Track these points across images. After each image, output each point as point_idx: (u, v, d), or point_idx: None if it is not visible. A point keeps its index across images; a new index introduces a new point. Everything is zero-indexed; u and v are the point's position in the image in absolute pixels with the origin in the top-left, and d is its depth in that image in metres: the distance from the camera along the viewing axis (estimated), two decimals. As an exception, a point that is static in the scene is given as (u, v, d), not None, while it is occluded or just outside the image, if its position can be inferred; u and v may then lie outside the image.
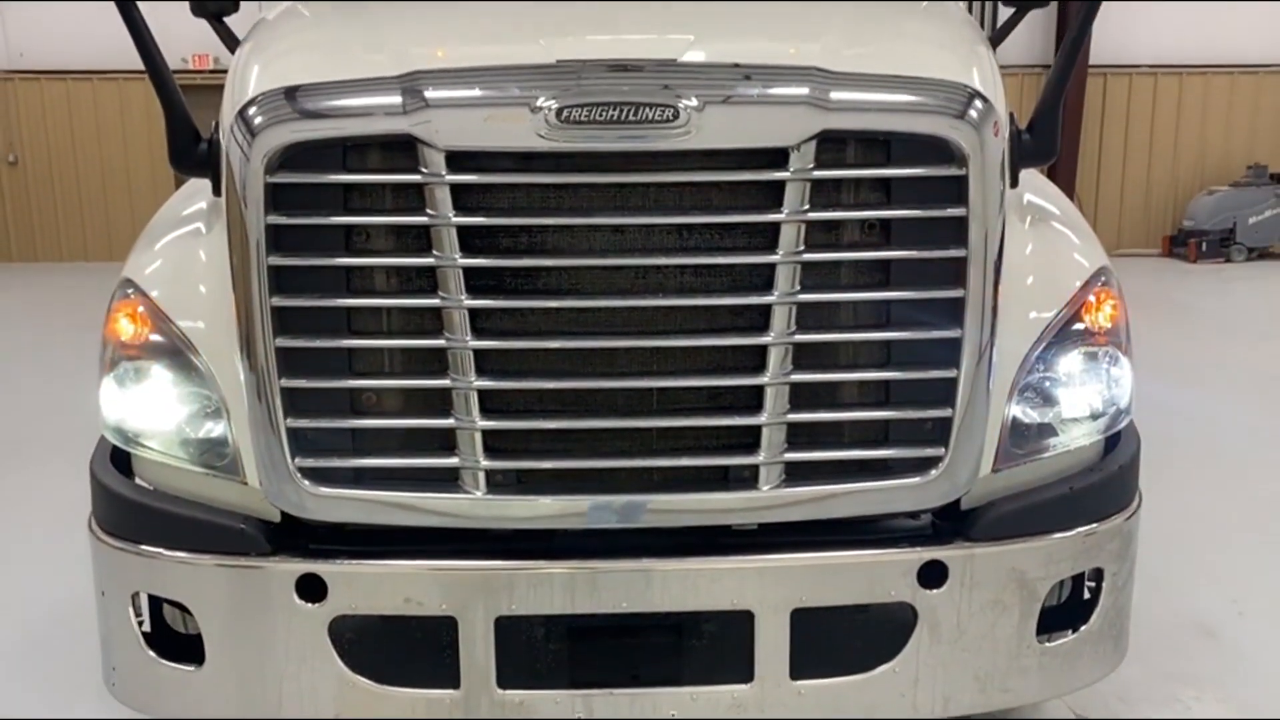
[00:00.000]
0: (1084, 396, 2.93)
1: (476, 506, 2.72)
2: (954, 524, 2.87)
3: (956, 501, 2.85)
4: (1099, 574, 2.99)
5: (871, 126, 2.62)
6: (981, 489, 2.86)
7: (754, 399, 2.71)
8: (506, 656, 2.77)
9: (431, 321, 2.68)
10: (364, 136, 2.60)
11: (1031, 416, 2.89)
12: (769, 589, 2.75)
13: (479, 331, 2.66)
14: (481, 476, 2.70)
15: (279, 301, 2.64)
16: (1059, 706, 3.72)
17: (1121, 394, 2.97)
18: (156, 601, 3.03)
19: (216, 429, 2.83)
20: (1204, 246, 14.99)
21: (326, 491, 2.73)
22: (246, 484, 2.81)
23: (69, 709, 3.84)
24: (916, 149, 2.63)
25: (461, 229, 2.60)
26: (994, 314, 2.72)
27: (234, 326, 2.71)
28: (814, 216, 2.63)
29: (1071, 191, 15.31)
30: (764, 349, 2.67)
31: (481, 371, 2.67)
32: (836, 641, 2.87)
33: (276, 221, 2.61)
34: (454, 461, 2.71)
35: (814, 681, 2.81)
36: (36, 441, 6.94)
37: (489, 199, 2.63)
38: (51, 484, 5.82)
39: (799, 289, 2.66)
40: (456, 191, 2.59)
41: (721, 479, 2.76)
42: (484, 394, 2.68)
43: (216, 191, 2.86)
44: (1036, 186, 3.37)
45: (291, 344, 2.67)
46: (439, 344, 2.66)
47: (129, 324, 2.89)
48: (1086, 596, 3.07)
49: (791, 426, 2.72)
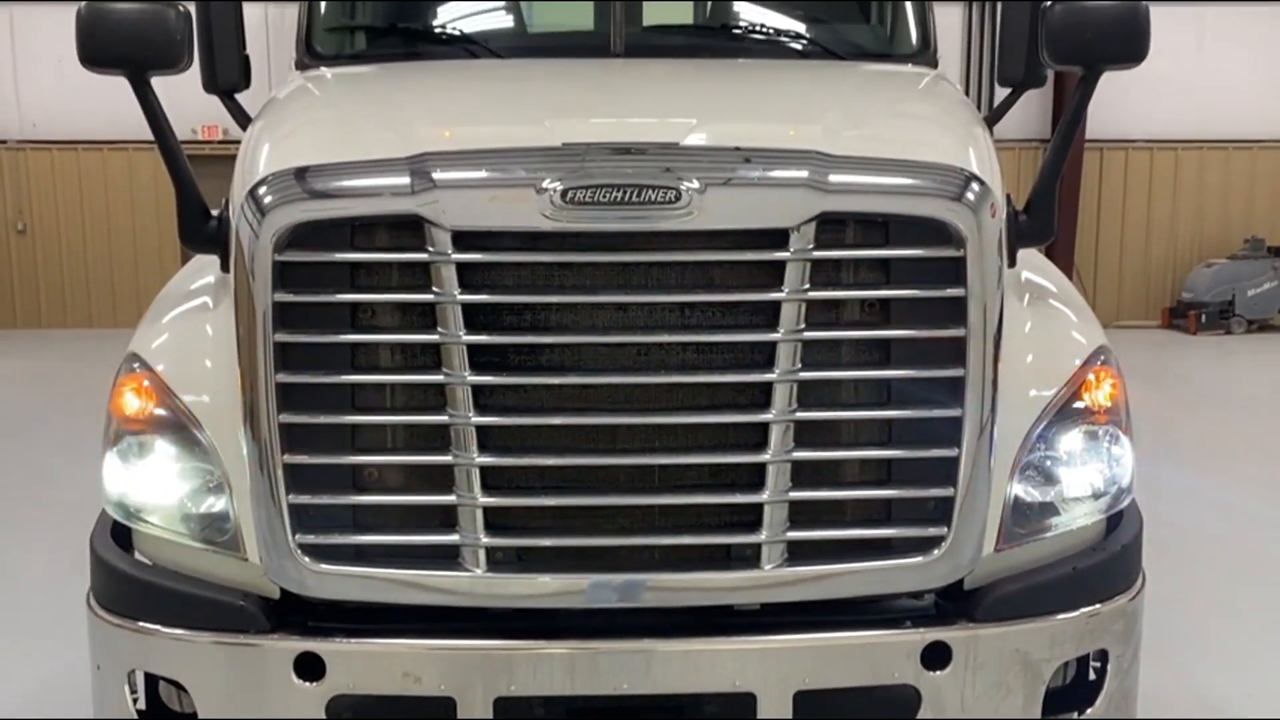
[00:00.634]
0: (1085, 475, 2.93)
1: (476, 584, 2.71)
2: (957, 604, 2.84)
3: (960, 581, 2.83)
4: (1104, 655, 2.96)
5: (870, 209, 2.66)
6: (984, 568, 2.84)
7: (756, 477, 2.71)
8: None
9: (434, 397, 2.69)
10: (372, 216, 2.64)
11: (1033, 495, 2.89)
12: (771, 670, 2.73)
13: (482, 408, 2.67)
14: (482, 554, 2.70)
15: (284, 378, 2.66)
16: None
17: (1122, 473, 2.97)
18: (152, 678, 3.00)
19: (218, 504, 2.83)
20: (1204, 318, 15.08)
21: (327, 568, 2.72)
22: (247, 560, 2.80)
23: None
24: (915, 230, 2.67)
25: (466, 306, 2.63)
26: (994, 392, 2.74)
27: (238, 401, 2.72)
28: (814, 296, 2.66)
29: (1070, 264, 15.44)
30: (766, 426, 2.68)
31: (484, 448, 2.68)
32: (840, 723, 2.84)
33: (283, 299, 2.64)
34: (454, 538, 2.70)
35: (817, 764, 2.76)
36: (33, 512, 6.91)
37: (494, 277, 2.67)
38: (46, 556, 5.80)
39: (800, 367, 2.67)
40: (462, 270, 2.62)
41: (723, 558, 2.75)
42: (485, 470, 2.68)
43: (225, 268, 2.89)
44: (1034, 264, 3.41)
45: (295, 419, 2.68)
46: (441, 420, 2.67)
47: (133, 398, 2.90)
48: (1092, 677, 3.04)
49: (794, 505, 2.71)
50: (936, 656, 2.76)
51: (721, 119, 3.01)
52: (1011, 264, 2.96)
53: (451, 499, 2.69)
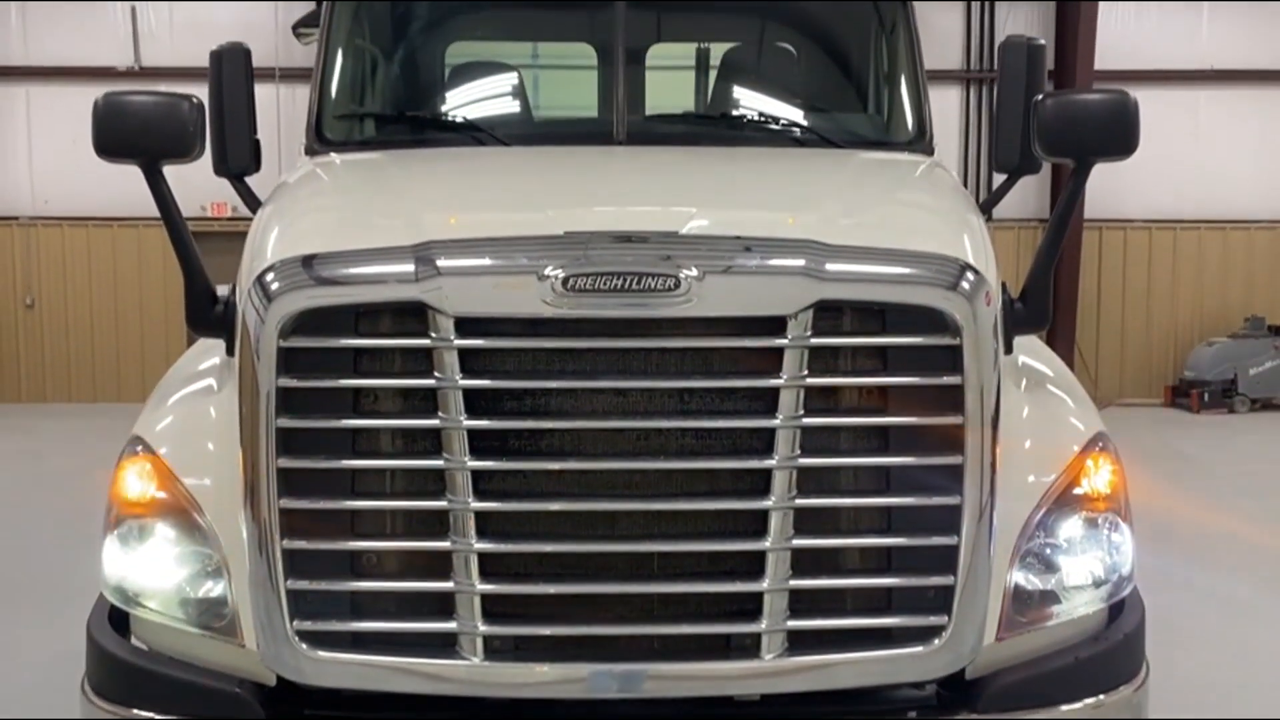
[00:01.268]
0: (1086, 563, 2.92)
1: (474, 673, 2.69)
2: (959, 694, 2.82)
3: (961, 671, 2.80)
4: (1110, 748, 2.92)
5: (866, 297, 2.70)
6: (986, 658, 2.82)
7: (755, 565, 2.70)
8: None
9: (434, 483, 2.70)
10: (377, 303, 2.68)
11: (1034, 583, 2.88)
12: (771, 762, 2.69)
13: (481, 493, 2.68)
14: (479, 642, 2.68)
15: (285, 463, 2.68)
16: None
17: (1123, 561, 2.96)
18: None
19: (216, 589, 2.82)
20: (1206, 397, 15.07)
21: (324, 655, 2.70)
22: (244, 646, 2.78)
23: None
24: (911, 318, 2.70)
25: (467, 392, 2.65)
26: (993, 479, 2.74)
27: (240, 485, 2.73)
28: (812, 382, 2.68)
29: (1072, 341, 15.49)
30: (765, 514, 2.68)
31: (482, 534, 2.68)
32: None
33: (287, 384, 2.67)
34: (452, 626, 2.69)
35: None
36: (29, 594, 6.84)
37: (495, 362, 2.69)
38: (40, 641, 5.74)
39: (799, 453, 2.68)
40: (464, 355, 2.65)
41: (723, 647, 2.73)
42: (483, 556, 2.68)
43: (230, 351, 2.93)
44: (1030, 349, 3.43)
45: (295, 505, 2.69)
46: (440, 505, 2.68)
47: (135, 482, 2.91)
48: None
49: (794, 593, 2.70)
50: (939, 748, 2.73)
51: (720, 207, 3.06)
52: (1008, 351, 2.99)
53: (449, 585, 2.69)
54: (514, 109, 4.52)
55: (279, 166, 4.75)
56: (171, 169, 2.96)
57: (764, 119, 4.22)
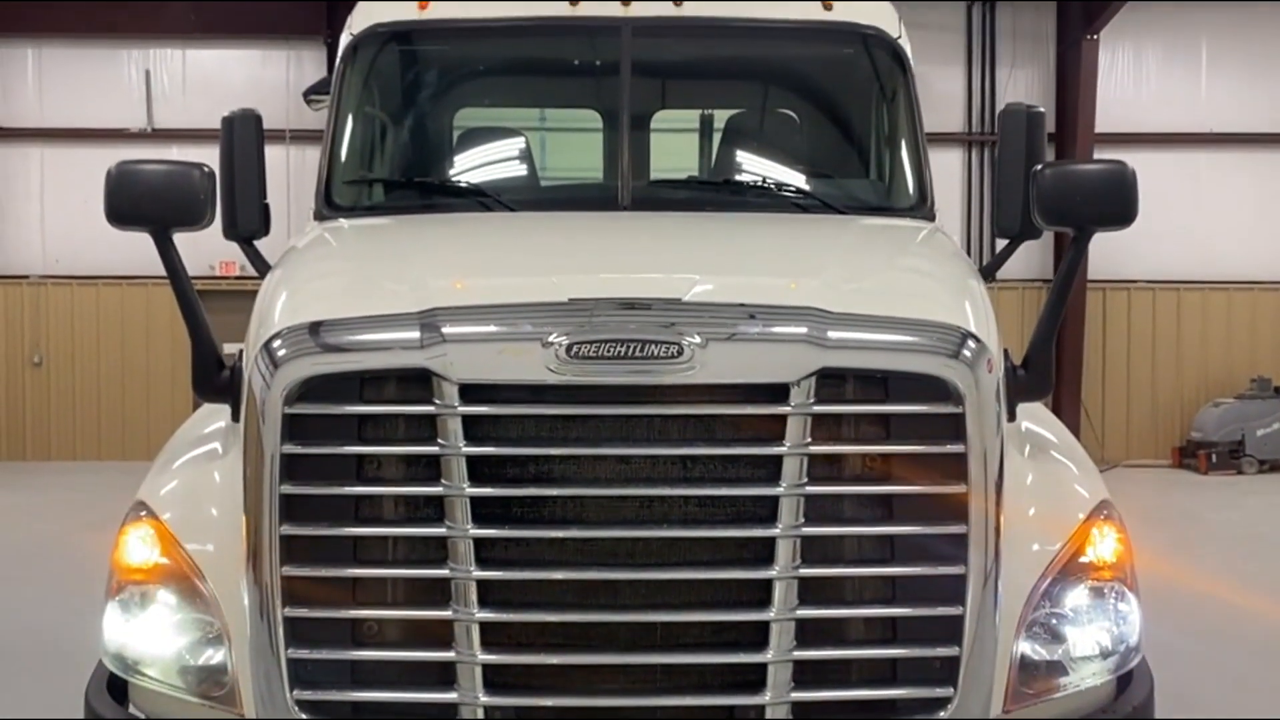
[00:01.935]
0: (1093, 634, 2.89)
1: (474, 744, 2.66)
2: (966, 768, 2.77)
3: (968, 744, 2.77)
4: (1120, 824, 2.87)
5: (868, 365, 2.71)
6: (993, 731, 2.78)
7: (759, 635, 2.68)
8: None
9: (436, 551, 2.69)
10: (382, 370, 2.69)
11: (1040, 654, 2.84)
12: (776, 839, 2.64)
13: (483, 561, 2.67)
14: (480, 713, 2.65)
15: (288, 530, 2.67)
16: None
17: (1131, 631, 2.92)
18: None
19: (216, 656, 2.80)
20: (1214, 458, 14.99)
21: (322, 726, 2.68)
22: (243, 716, 2.75)
23: None
24: (913, 386, 2.71)
25: (470, 459, 2.66)
26: (997, 547, 2.73)
27: (243, 550, 2.73)
28: (815, 450, 2.68)
29: (1078, 403, 15.46)
30: (769, 583, 2.67)
31: (484, 603, 2.66)
32: None
33: (291, 450, 2.67)
34: (453, 696, 2.66)
35: None
36: (28, 656, 6.78)
37: (499, 429, 2.70)
38: (38, 707, 5.68)
39: (803, 521, 2.67)
40: (467, 422, 2.66)
41: (727, 719, 2.70)
42: (485, 626, 2.66)
43: (236, 417, 2.94)
44: (1034, 414, 3.43)
45: (297, 572, 2.68)
46: (443, 574, 2.67)
47: (138, 547, 2.91)
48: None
49: (798, 664, 2.68)
50: (946, 824, 2.68)
51: (723, 273, 3.08)
52: (1011, 418, 2.99)
53: (450, 655, 2.67)
54: (520, 174, 4.58)
55: (288, 228, 4.80)
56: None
57: (767, 185, 4.27)
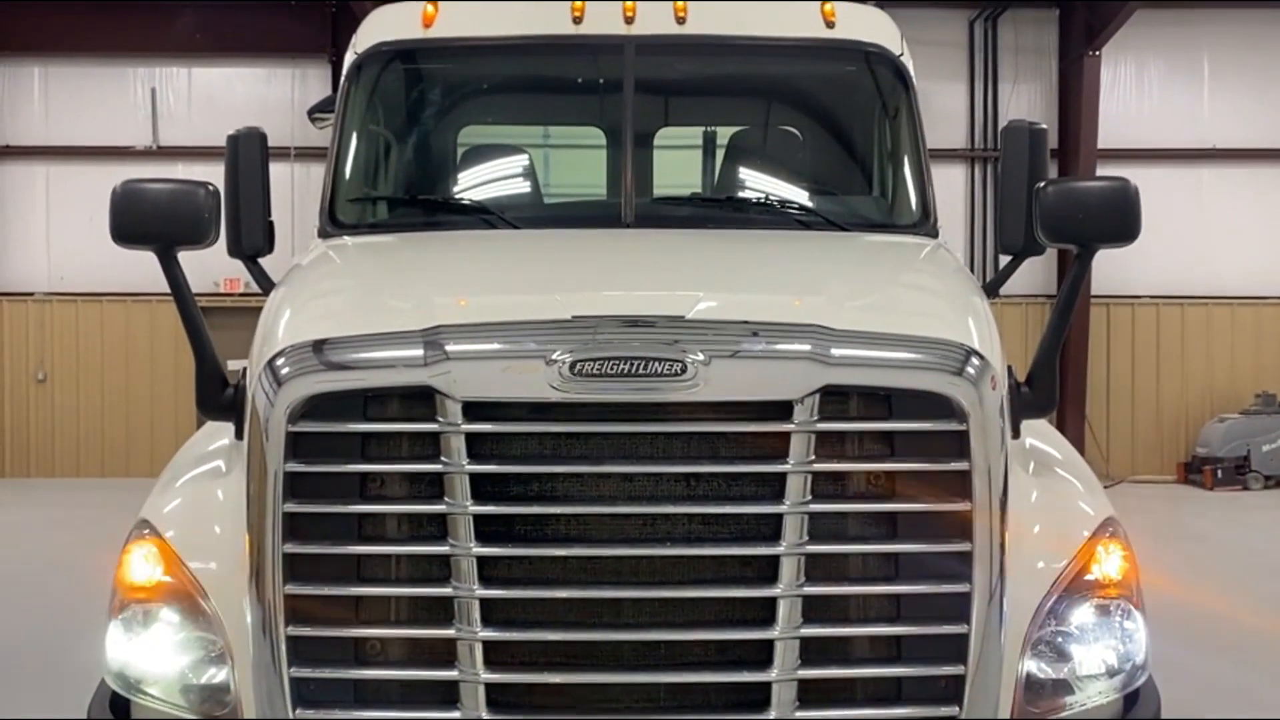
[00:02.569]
0: (1099, 652, 2.87)
1: (478, 764, 2.64)
2: (973, 788, 2.75)
3: (974, 764, 2.75)
4: (1128, 844, 2.84)
5: (871, 382, 2.70)
6: (999, 750, 2.77)
7: (764, 653, 2.67)
8: None
9: (439, 569, 2.68)
10: (385, 388, 2.69)
11: (1046, 672, 2.83)
12: None
13: (486, 579, 2.66)
14: (484, 732, 2.64)
15: (291, 548, 2.67)
16: None
17: (1137, 649, 2.91)
18: None
19: (219, 675, 2.80)
20: (1219, 474, 14.95)
21: (325, 745, 2.67)
22: (245, 735, 2.75)
23: None
24: (917, 404, 2.70)
25: (474, 476, 2.65)
26: (1002, 565, 2.72)
27: (245, 568, 2.72)
28: (819, 468, 2.67)
29: (1082, 418, 15.42)
30: (773, 601, 2.66)
31: (487, 621, 2.65)
32: None
33: (294, 468, 2.67)
34: (456, 716, 2.65)
35: None
36: (31, 673, 6.76)
37: (502, 447, 2.70)
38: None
39: (807, 539, 2.67)
40: (470, 440, 2.65)
41: None
42: (488, 645, 2.65)
43: (239, 435, 2.94)
44: (1038, 431, 3.42)
45: (300, 590, 2.67)
46: (446, 592, 2.66)
47: (141, 566, 2.90)
48: None
49: (802, 683, 2.66)
50: (952, 844, 2.66)
51: (726, 291, 3.08)
52: (1015, 435, 2.98)
53: (454, 674, 2.66)
54: (524, 191, 4.58)
55: (293, 246, 4.81)
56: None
57: (770, 202, 4.28)
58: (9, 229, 16.18)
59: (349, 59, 4.29)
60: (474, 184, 4.55)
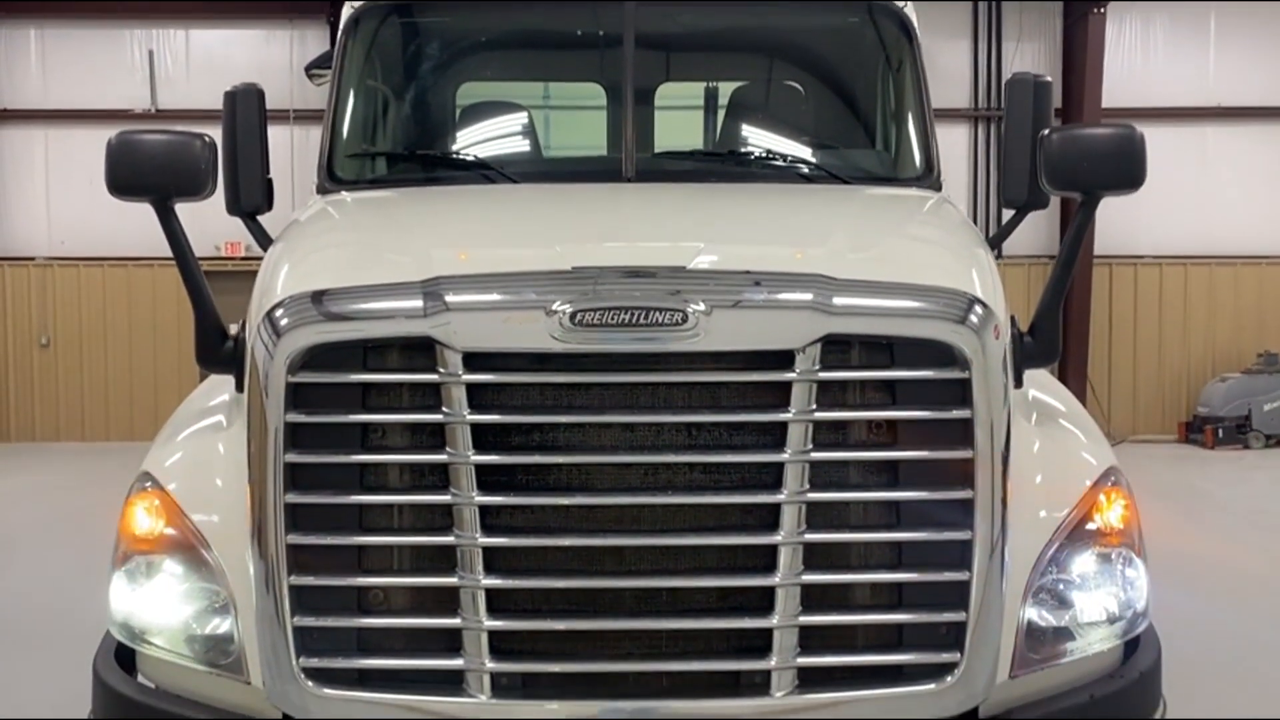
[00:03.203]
0: (1099, 599, 2.88)
1: (482, 710, 2.66)
2: (973, 733, 2.77)
3: (974, 709, 2.76)
4: (1127, 788, 2.87)
5: (874, 331, 2.69)
6: (999, 696, 2.78)
7: (765, 601, 2.68)
8: None
9: (442, 518, 2.69)
10: (385, 338, 2.69)
11: (1047, 620, 2.84)
12: (781, 802, 2.65)
13: (488, 529, 2.67)
14: (487, 679, 2.66)
15: (293, 498, 2.67)
16: None
17: (1138, 596, 2.92)
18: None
19: (223, 625, 2.81)
20: (1220, 433, 14.98)
21: (330, 693, 2.69)
22: (250, 684, 2.76)
23: None
24: (919, 352, 2.70)
25: (475, 427, 2.65)
26: (1004, 514, 2.72)
27: (248, 520, 2.73)
28: (820, 416, 2.67)
29: (1084, 378, 15.42)
30: (775, 549, 2.67)
31: (490, 569, 2.66)
32: None
33: (295, 419, 2.67)
34: (459, 663, 2.67)
35: None
36: (37, 632, 6.82)
37: (503, 398, 2.69)
38: (48, 678, 5.71)
39: (808, 487, 2.67)
40: (471, 391, 2.65)
41: (733, 684, 2.70)
42: (491, 593, 2.66)
43: (240, 388, 2.94)
44: (1041, 383, 3.42)
45: (302, 540, 2.68)
46: (448, 541, 2.67)
47: (144, 518, 2.91)
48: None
49: (804, 630, 2.68)
50: (953, 788, 2.68)
51: (728, 242, 3.07)
52: (1018, 385, 2.98)
53: (456, 622, 2.67)
54: (524, 147, 4.55)
55: (292, 206, 4.78)
56: (186, 208, 2.99)
57: (772, 156, 4.24)
58: (8, 193, 16.12)
59: (346, 12, 4.24)
60: (473, 139, 4.52)
